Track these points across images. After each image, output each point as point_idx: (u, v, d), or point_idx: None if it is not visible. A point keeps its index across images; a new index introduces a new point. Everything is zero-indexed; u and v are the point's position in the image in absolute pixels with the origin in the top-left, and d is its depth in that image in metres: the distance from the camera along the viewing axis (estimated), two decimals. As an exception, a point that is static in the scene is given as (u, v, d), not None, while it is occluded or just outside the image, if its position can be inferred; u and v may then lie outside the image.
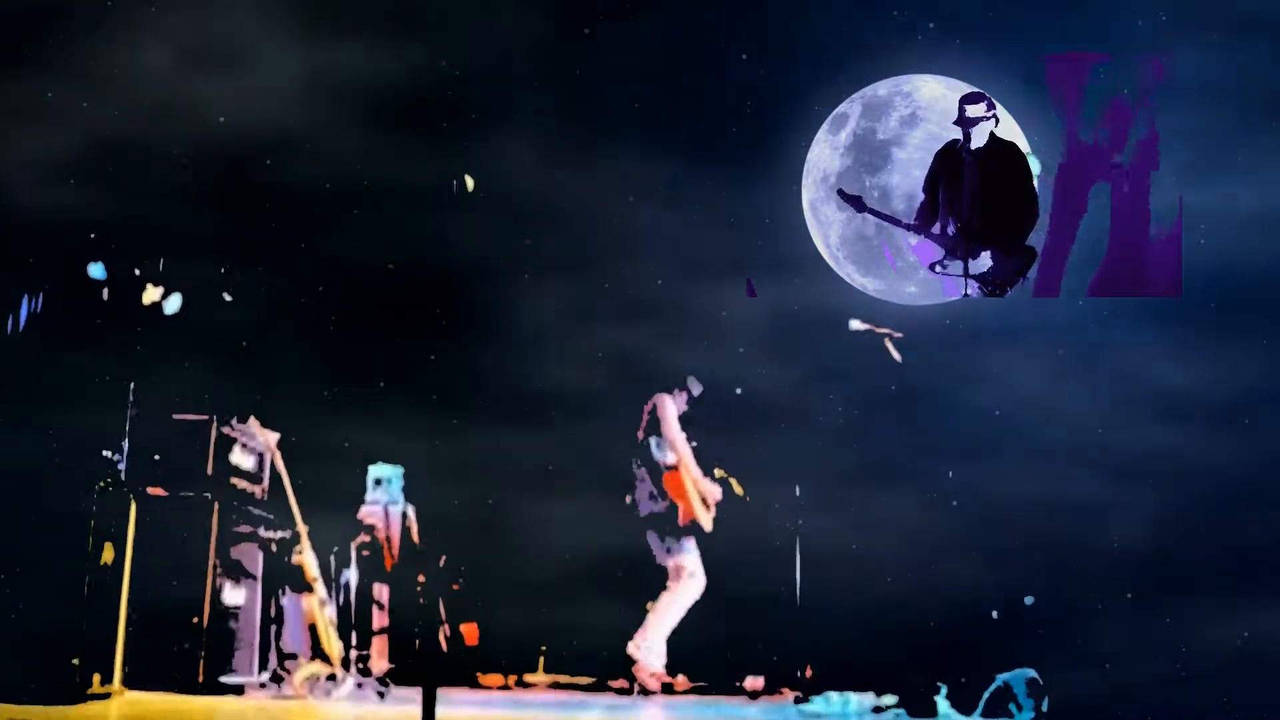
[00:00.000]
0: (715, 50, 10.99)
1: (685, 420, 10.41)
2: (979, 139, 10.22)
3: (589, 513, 10.72)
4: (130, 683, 9.12)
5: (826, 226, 10.73)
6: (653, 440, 10.27)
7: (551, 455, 11.05)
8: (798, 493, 10.41)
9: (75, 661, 8.96)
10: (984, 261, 10.16)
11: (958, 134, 10.26)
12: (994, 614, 10.20)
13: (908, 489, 10.80)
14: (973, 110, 10.22)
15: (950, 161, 10.25)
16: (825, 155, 10.72)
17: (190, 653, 9.33)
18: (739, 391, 10.82)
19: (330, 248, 11.10)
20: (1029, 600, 10.25)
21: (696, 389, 10.37)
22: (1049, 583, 10.34)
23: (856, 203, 10.34)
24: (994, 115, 10.18)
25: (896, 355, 10.30)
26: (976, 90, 10.29)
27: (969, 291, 10.17)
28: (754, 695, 10.13)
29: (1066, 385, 10.91)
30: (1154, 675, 10.09)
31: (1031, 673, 9.29)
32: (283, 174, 11.07)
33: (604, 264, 11.21)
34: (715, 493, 10.32)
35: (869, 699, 9.58)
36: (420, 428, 10.92)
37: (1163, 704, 9.65)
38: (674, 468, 10.25)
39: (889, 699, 9.56)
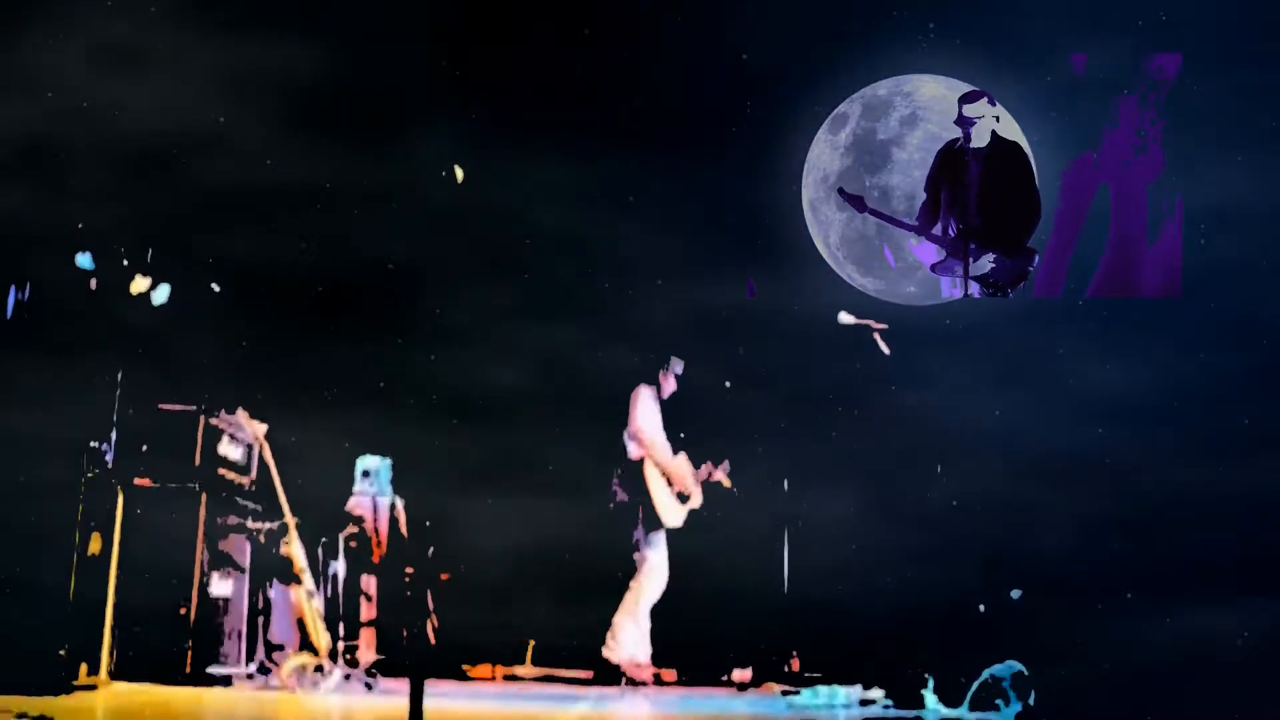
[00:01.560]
0: (715, 50, 11.00)
1: (675, 409, 10.29)
2: (981, 138, 10.17)
3: (579, 509, 10.72)
4: (117, 674, 9.10)
5: (826, 226, 10.74)
6: (624, 434, 10.20)
7: (540, 452, 11.07)
8: (786, 487, 10.39)
9: (62, 652, 8.95)
10: (985, 263, 10.13)
11: (958, 134, 10.24)
12: (981, 607, 10.19)
13: (897, 484, 10.80)
14: (970, 109, 10.17)
15: (952, 161, 10.21)
16: (825, 155, 10.73)
17: (177, 644, 9.31)
18: (727, 385, 10.83)
19: (326, 245, 11.14)
20: (1016, 594, 10.24)
21: (679, 367, 10.24)
22: (1036, 577, 10.32)
23: (857, 203, 10.31)
24: (995, 114, 10.14)
25: (885, 348, 10.27)
26: (975, 89, 10.26)
27: (970, 291, 10.15)
28: (742, 688, 10.10)
29: (1064, 386, 10.91)
30: (1140, 670, 10.07)
31: (1018, 666, 9.25)
32: (280, 173, 11.11)
33: (603, 263, 11.23)
34: (689, 475, 10.13)
35: (856, 691, 9.55)
36: (411, 424, 10.94)
37: (1149, 698, 9.61)
38: (642, 461, 10.15)
39: (876, 692, 9.53)
